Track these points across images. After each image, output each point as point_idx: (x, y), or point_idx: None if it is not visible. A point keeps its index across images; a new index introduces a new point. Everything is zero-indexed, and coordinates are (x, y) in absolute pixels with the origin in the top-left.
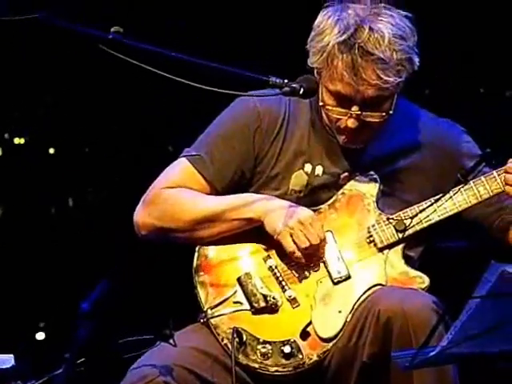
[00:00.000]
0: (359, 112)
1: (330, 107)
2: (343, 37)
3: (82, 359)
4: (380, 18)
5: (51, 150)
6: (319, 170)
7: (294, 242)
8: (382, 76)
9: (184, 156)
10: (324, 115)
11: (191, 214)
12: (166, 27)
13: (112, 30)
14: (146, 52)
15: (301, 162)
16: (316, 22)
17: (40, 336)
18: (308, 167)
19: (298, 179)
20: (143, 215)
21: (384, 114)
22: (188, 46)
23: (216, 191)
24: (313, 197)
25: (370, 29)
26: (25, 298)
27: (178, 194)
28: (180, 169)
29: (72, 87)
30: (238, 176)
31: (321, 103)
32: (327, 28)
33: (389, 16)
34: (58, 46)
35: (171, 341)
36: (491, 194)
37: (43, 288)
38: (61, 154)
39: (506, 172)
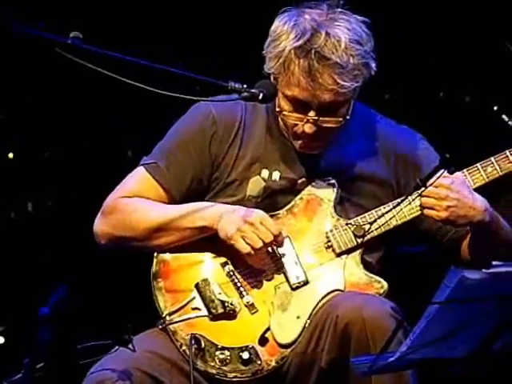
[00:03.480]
0: (316, 117)
1: (286, 113)
2: (299, 42)
3: (41, 364)
4: (336, 23)
5: (10, 155)
6: (276, 175)
7: (248, 244)
8: (338, 81)
9: (141, 165)
10: (280, 121)
11: (145, 222)
12: (124, 33)
13: (71, 34)
14: (104, 57)
15: (258, 167)
16: (272, 28)
17: None
18: (265, 173)
19: (255, 185)
20: (101, 225)
21: (341, 119)
22: (146, 51)
23: (173, 199)
24: (270, 202)
25: (327, 33)
26: None
27: (133, 203)
28: (137, 177)
29: (31, 92)
30: (196, 183)
31: (277, 109)
32: (283, 33)
33: (345, 21)
34: (16, 51)
35: (130, 346)
36: None
37: (2, 292)
38: (20, 158)
39: (422, 196)
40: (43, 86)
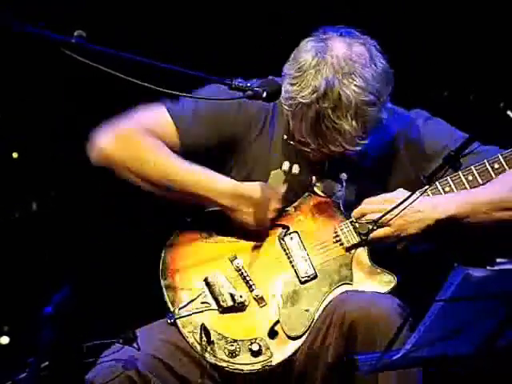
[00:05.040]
0: (321, 148)
1: (292, 142)
2: (311, 98)
3: (46, 363)
4: (353, 81)
5: (14, 155)
6: (296, 168)
7: None
8: (344, 146)
9: (167, 109)
10: None
11: (162, 175)
12: (130, 32)
13: (75, 33)
14: (108, 56)
15: (279, 160)
16: (296, 54)
17: (4, 340)
18: (286, 165)
19: (275, 177)
20: (111, 147)
21: (345, 149)
22: (150, 50)
23: (181, 150)
24: (287, 196)
25: (339, 95)
26: None
27: (156, 148)
28: (159, 119)
29: (35, 91)
30: (207, 154)
31: (285, 136)
32: (300, 75)
33: (363, 77)
34: (20, 50)
35: (135, 344)
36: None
37: (7, 292)
38: (24, 158)
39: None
40: (47, 86)
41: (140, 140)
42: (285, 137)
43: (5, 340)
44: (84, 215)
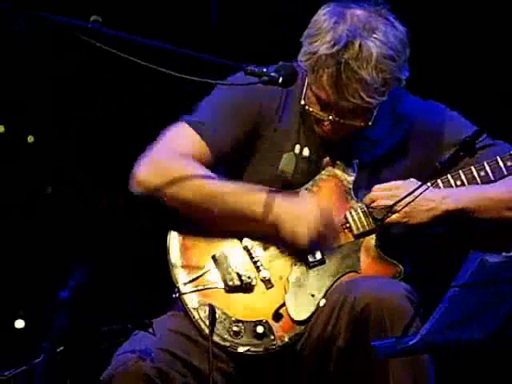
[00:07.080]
0: (337, 119)
1: (310, 108)
2: (332, 49)
3: (61, 348)
4: (373, 35)
5: (30, 139)
6: (306, 151)
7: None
8: (363, 97)
9: (188, 122)
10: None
11: (202, 195)
12: (144, 17)
13: (91, 19)
14: (124, 41)
15: (291, 142)
16: (313, 19)
17: (19, 324)
18: (297, 148)
19: (287, 160)
20: (150, 178)
21: (362, 124)
22: (164, 34)
23: (214, 160)
24: (299, 179)
25: (360, 46)
26: (4, 286)
27: (193, 170)
28: (185, 136)
29: (50, 75)
30: (235, 151)
31: (302, 102)
32: (320, 33)
33: (383, 32)
34: (34, 35)
35: (150, 330)
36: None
37: (22, 276)
38: (40, 142)
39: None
40: (62, 69)
41: (176, 165)
42: (302, 102)
43: (20, 324)
44: (99, 199)
